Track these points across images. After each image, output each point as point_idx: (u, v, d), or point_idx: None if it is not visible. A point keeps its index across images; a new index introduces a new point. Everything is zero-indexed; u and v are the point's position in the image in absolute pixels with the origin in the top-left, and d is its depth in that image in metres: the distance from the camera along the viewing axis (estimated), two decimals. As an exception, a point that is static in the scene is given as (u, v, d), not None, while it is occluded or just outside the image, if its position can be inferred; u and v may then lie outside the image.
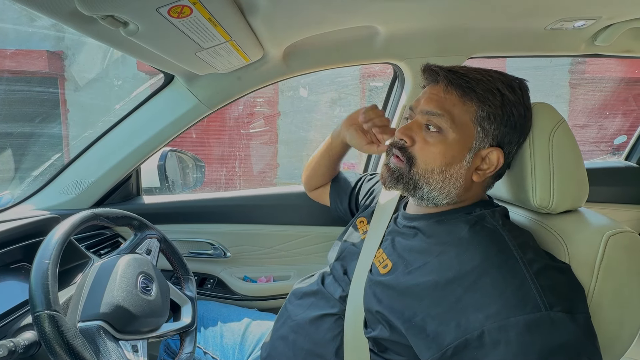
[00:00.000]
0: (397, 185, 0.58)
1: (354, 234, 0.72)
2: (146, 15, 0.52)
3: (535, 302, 0.42)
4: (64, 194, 1.01)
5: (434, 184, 0.55)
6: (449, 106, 0.54)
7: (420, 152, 0.56)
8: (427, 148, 0.55)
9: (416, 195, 0.58)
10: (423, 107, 0.56)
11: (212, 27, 0.60)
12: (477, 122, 0.53)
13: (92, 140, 1.02)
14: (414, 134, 0.56)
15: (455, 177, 0.55)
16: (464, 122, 0.53)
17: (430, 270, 0.50)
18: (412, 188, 0.57)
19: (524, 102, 0.55)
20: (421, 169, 0.55)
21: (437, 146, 0.54)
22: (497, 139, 0.54)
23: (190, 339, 0.72)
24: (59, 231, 0.58)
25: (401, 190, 0.59)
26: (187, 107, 0.97)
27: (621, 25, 0.81)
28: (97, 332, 0.54)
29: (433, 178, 0.55)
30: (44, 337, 0.47)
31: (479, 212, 0.56)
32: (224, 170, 5.21)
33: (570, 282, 0.47)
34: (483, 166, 0.55)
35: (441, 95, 0.55)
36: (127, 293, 0.62)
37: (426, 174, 0.55)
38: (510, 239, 0.49)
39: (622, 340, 0.49)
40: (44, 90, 5.12)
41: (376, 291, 0.56)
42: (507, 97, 0.53)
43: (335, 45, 0.94)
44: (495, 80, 0.53)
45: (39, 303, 0.48)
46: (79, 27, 0.58)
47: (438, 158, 0.54)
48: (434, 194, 0.56)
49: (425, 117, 0.55)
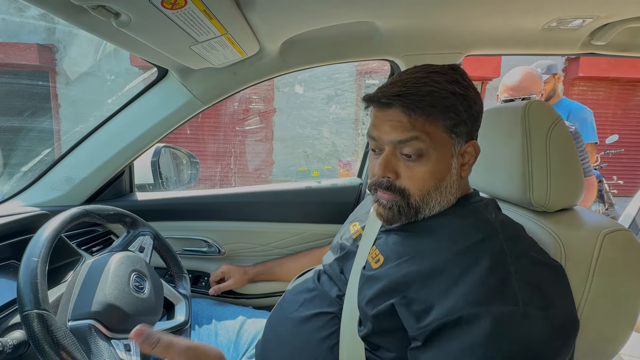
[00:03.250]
0: (401, 217, 0.56)
1: (347, 235, 0.72)
2: (138, 5, 0.51)
3: (514, 296, 0.43)
4: (54, 190, 0.99)
5: (433, 202, 0.55)
6: (419, 126, 0.51)
7: (410, 182, 0.54)
8: (415, 175, 0.53)
9: (418, 218, 0.57)
10: (390, 137, 0.52)
11: (207, 19, 0.59)
12: (448, 131, 0.53)
13: (84, 135, 1.00)
14: (395, 167, 0.54)
15: (450, 186, 0.56)
16: (439, 137, 0.52)
17: (421, 259, 0.51)
18: (414, 214, 0.56)
19: (470, 86, 0.54)
20: (418, 197, 0.54)
21: (423, 169, 0.53)
22: (469, 134, 0.55)
23: (184, 337, 0.71)
24: (48, 228, 0.56)
25: (403, 221, 0.57)
26: (182, 102, 0.96)
27: (618, 24, 0.82)
28: (88, 331, 0.53)
29: (431, 198, 0.55)
30: (33, 336, 0.46)
31: (471, 207, 0.56)
32: (218, 167, 5.18)
33: (555, 281, 0.48)
34: (465, 160, 0.57)
35: (405, 120, 0.51)
36: (120, 291, 0.61)
37: (424, 198, 0.54)
38: (502, 231, 0.50)
39: (617, 338, 0.49)
40: (34, 83, 5.02)
41: (368, 287, 0.56)
42: (459, 94, 0.52)
43: (333, 41, 0.93)
44: (442, 83, 0.52)
45: (27, 302, 0.47)
46: (69, 17, 0.57)
47: (429, 179, 0.53)
48: (435, 209, 0.56)
49: (399, 147, 0.53)
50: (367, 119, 5.15)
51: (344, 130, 5.28)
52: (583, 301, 0.48)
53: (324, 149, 5.24)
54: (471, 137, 0.56)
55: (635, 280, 0.49)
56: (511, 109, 0.60)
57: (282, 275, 1.01)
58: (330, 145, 5.24)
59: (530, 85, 1.43)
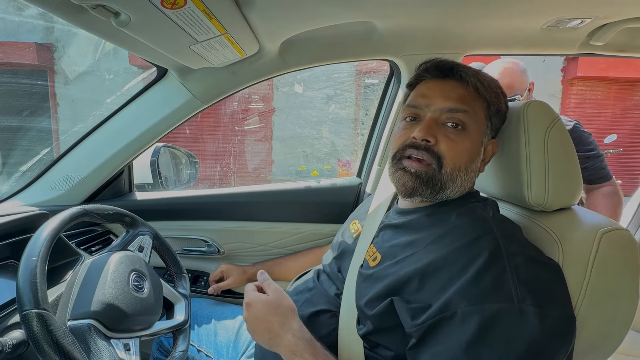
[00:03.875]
0: (426, 189, 0.55)
1: (347, 233, 0.72)
2: (138, 5, 0.51)
3: (509, 293, 0.44)
4: (53, 189, 0.98)
5: (458, 182, 0.55)
6: (471, 102, 0.54)
7: (448, 151, 0.53)
8: (453, 146, 0.53)
9: (438, 197, 0.56)
10: (443, 104, 0.54)
11: (207, 19, 0.59)
12: (488, 118, 0.56)
13: (83, 134, 1.00)
14: (436, 133, 0.54)
15: (474, 171, 0.57)
16: (481, 118, 0.56)
17: (418, 258, 0.51)
18: (439, 189, 0.55)
19: None
20: (450, 169, 0.54)
21: (462, 143, 0.54)
22: (495, 131, 0.58)
23: (184, 337, 0.71)
24: (47, 228, 0.56)
25: (425, 196, 0.56)
26: (181, 101, 0.96)
27: (616, 24, 0.82)
28: (87, 330, 0.53)
29: (459, 176, 0.55)
30: (32, 336, 0.46)
31: (470, 205, 0.57)
32: (218, 167, 5.17)
33: (551, 279, 0.48)
34: (484, 157, 0.59)
35: (460, 92, 0.55)
36: (119, 291, 0.61)
37: (454, 173, 0.54)
38: (499, 230, 0.50)
39: (614, 337, 0.49)
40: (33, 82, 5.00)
41: (366, 285, 0.56)
42: (502, 93, 0.58)
43: (332, 41, 0.93)
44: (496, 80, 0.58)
45: (27, 301, 0.47)
46: (68, 16, 0.57)
47: (465, 155, 0.54)
48: (455, 192, 0.56)
49: (446, 115, 0.54)
50: (366, 119, 5.15)
51: (343, 130, 5.28)
52: (580, 300, 0.48)
53: (323, 149, 5.24)
54: (495, 135, 0.59)
55: (632, 279, 0.49)
56: (510, 109, 0.61)
57: (281, 274, 1.01)
58: (330, 145, 5.23)
59: (511, 82, 1.22)
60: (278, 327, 0.53)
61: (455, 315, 0.44)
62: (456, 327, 0.44)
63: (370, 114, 5.00)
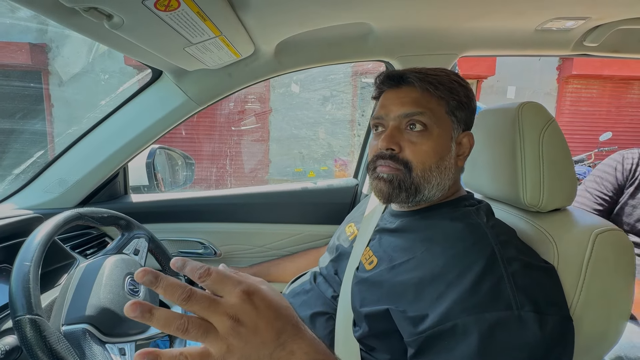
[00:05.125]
0: (400, 194, 0.56)
1: (343, 236, 0.72)
2: (131, 7, 0.50)
3: (508, 300, 0.43)
4: (47, 192, 0.98)
5: (433, 180, 0.56)
6: (426, 103, 0.56)
7: (413, 155, 0.55)
8: (418, 148, 0.55)
9: (416, 199, 0.57)
10: (399, 111, 0.56)
11: (201, 21, 0.59)
12: (450, 113, 0.57)
13: (77, 137, 0.99)
14: (399, 140, 0.56)
15: (448, 168, 0.57)
16: (441, 115, 0.56)
17: (414, 266, 0.51)
18: (414, 193, 0.56)
19: (471, 89, 0.61)
20: (420, 171, 0.55)
21: (426, 144, 0.55)
22: (465, 123, 0.59)
23: (180, 340, 0.71)
24: (41, 232, 0.56)
25: (402, 199, 0.57)
26: (176, 103, 0.95)
27: (609, 25, 0.82)
28: (82, 335, 0.53)
29: (432, 176, 0.56)
30: (26, 342, 0.45)
31: (463, 209, 0.56)
32: (214, 168, 5.15)
33: (548, 283, 0.48)
34: (461, 151, 0.59)
35: (414, 95, 0.56)
36: (114, 295, 0.60)
37: (425, 174, 0.55)
38: (493, 236, 0.50)
39: (609, 337, 0.50)
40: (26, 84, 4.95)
41: (362, 289, 0.56)
42: (463, 85, 0.58)
43: (328, 42, 0.93)
44: (449, 74, 0.59)
45: (19, 307, 0.47)
46: (60, 19, 0.56)
47: (432, 155, 0.55)
48: (433, 191, 0.57)
49: (405, 120, 0.56)
50: (362, 120, 5.16)
51: (339, 131, 5.28)
52: (576, 300, 0.48)
53: (320, 150, 5.24)
54: (468, 128, 0.59)
55: (626, 278, 0.49)
56: (505, 110, 0.61)
57: (278, 275, 1.01)
58: (326, 146, 5.23)
59: None
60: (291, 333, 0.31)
61: (455, 327, 0.43)
62: (457, 340, 0.43)
63: (366, 114, 5.01)
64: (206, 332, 0.29)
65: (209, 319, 0.29)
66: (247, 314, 0.29)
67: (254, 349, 0.29)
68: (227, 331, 0.29)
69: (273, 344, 0.30)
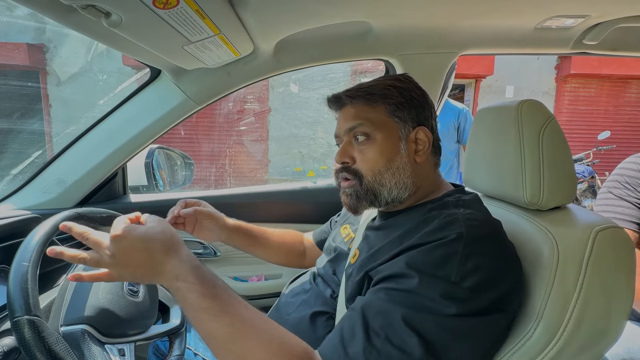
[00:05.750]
0: (361, 203, 0.60)
1: (339, 238, 0.73)
2: (129, 4, 0.50)
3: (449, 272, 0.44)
4: (45, 193, 0.97)
5: (387, 182, 0.58)
6: (363, 114, 0.59)
7: (362, 164, 0.59)
8: (365, 157, 0.59)
9: (382, 203, 0.60)
10: (343, 127, 0.61)
11: (200, 19, 0.58)
12: (391, 115, 0.59)
13: (76, 136, 0.99)
14: (351, 153, 0.60)
15: (402, 167, 0.59)
16: (382, 120, 0.59)
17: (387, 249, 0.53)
18: (373, 198, 0.59)
19: (414, 85, 0.63)
20: (370, 176, 0.58)
21: (372, 150, 0.58)
22: (415, 120, 0.60)
23: (180, 340, 0.71)
24: (39, 232, 0.55)
25: (367, 206, 0.61)
26: (175, 103, 0.95)
27: (609, 24, 0.82)
28: (81, 336, 0.53)
29: (383, 178, 0.58)
30: (24, 343, 0.45)
31: (444, 200, 0.58)
32: (213, 168, 5.15)
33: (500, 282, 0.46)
34: (419, 147, 0.60)
35: (352, 111, 0.60)
36: (113, 295, 0.60)
37: (376, 178, 0.58)
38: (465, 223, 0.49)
39: (609, 334, 0.50)
40: (24, 84, 4.93)
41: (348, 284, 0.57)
42: (399, 87, 0.61)
43: (327, 41, 0.93)
44: (385, 80, 0.62)
45: (18, 308, 0.46)
46: (58, 17, 0.56)
47: (379, 159, 0.58)
48: (394, 192, 0.58)
49: (350, 134, 0.60)
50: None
51: (339, 130, 5.27)
52: (576, 297, 0.48)
53: (320, 149, 5.24)
54: (419, 124, 0.60)
55: (627, 276, 0.49)
56: (505, 108, 0.61)
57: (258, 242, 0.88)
58: (326, 146, 5.23)
59: None
60: (161, 253, 0.46)
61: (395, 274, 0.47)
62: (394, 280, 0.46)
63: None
64: (97, 261, 0.47)
65: (98, 253, 0.47)
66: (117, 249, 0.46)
67: (129, 270, 0.47)
68: (107, 260, 0.47)
69: (144, 267, 0.46)
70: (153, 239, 0.47)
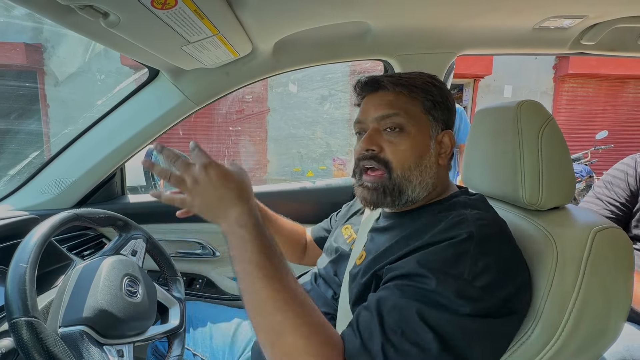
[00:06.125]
0: (385, 199, 0.57)
1: (341, 239, 0.73)
2: (127, 5, 0.50)
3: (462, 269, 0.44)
4: (43, 193, 0.97)
5: (414, 180, 0.57)
6: (401, 104, 0.57)
7: (392, 155, 0.56)
8: (396, 148, 0.56)
9: (402, 201, 0.58)
10: (376, 114, 0.58)
11: (199, 19, 0.58)
12: (426, 112, 0.58)
13: (74, 137, 0.98)
14: (379, 142, 0.57)
15: (429, 167, 0.58)
16: (417, 115, 0.57)
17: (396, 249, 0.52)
18: (397, 195, 0.57)
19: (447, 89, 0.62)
20: (400, 171, 0.56)
21: (404, 143, 0.56)
22: (444, 122, 0.60)
23: (179, 341, 0.71)
24: (37, 233, 0.55)
25: (388, 204, 0.58)
26: (173, 103, 0.94)
27: (606, 24, 0.83)
28: (79, 337, 0.53)
29: (412, 175, 0.56)
30: (22, 344, 0.45)
31: (451, 204, 0.57)
32: (212, 168, 5.12)
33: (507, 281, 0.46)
34: (442, 150, 0.60)
35: (389, 98, 0.58)
36: (112, 296, 0.60)
37: (405, 174, 0.56)
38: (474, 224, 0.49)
39: (608, 334, 0.50)
40: (21, 84, 4.91)
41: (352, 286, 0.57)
42: (438, 86, 0.60)
43: (326, 41, 0.93)
44: (423, 75, 0.60)
45: (16, 309, 0.46)
46: (56, 17, 0.55)
47: (410, 154, 0.56)
48: (417, 191, 0.57)
49: (382, 122, 0.57)
50: (361, 118, 5.15)
51: (337, 131, 5.28)
52: (575, 298, 0.48)
53: (318, 149, 5.23)
54: (447, 127, 0.60)
55: (625, 276, 0.50)
56: (504, 108, 0.61)
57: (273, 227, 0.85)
58: (325, 146, 5.23)
59: None
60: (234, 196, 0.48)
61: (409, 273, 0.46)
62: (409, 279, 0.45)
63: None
64: (180, 182, 0.50)
65: (183, 175, 0.49)
66: (202, 177, 0.48)
67: (202, 200, 0.49)
68: (190, 185, 0.49)
69: (215, 202, 0.48)
70: (231, 179, 0.49)
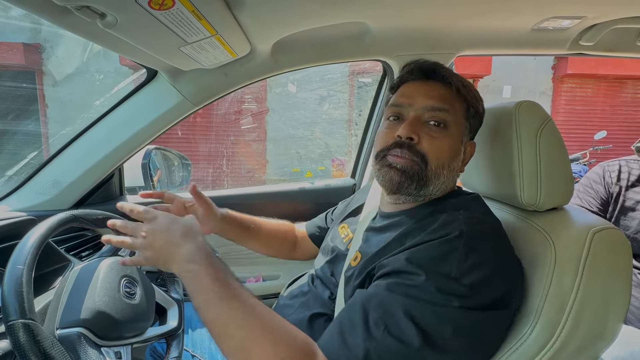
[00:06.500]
0: (411, 184, 0.54)
1: (338, 239, 0.72)
2: (124, 5, 0.49)
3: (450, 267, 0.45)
4: (41, 194, 0.96)
5: (441, 179, 0.56)
6: (451, 102, 0.56)
7: (430, 148, 0.54)
8: (435, 143, 0.54)
9: (421, 193, 0.56)
10: (425, 103, 0.55)
11: (197, 20, 0.58)
12: (466, 118, 0.58)
13: (72, 137, 0.98)
14: (419, 131, 0.55)
15: (455, 170, 0.58)
16: (460, 117, 0.57)
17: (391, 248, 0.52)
18: (422, 186, 0.55)
19: None
20: (434, 165, 0.55)
21: (444, 141, 0.55)
22: (473, 132, 0.60)
23: (177, 342, 0.70)
24: (34, 234, 0.55)
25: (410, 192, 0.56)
26: (172, 103, 0.94)
27: (605, 25, 0.83)
28: (77, 339, 0.52)
29: (442, 174, 0.55)
30: (19, 347, 0.45)
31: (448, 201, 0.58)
32: (211, 169, 5.13)
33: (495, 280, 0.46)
34: (464, 158, 0.60)
35: (442, 92, 0.56)
36: (110, 297, 0.59)
37: (437, 171, 0.55)
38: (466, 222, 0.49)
39: (606, 335, 0.50)
40: (19, 85, 4.90)
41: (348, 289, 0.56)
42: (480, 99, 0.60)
43: (324, 42, 0.93)
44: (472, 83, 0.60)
45: (12, 311, 0.46)
46: (53, 18, 0.55)
47: (447, 153, 0.55)
48: (437, 189, 0.57)
49: (428, 113, 0.55)
50: (360, 120, 5.16)
51: (336, 131, 5.28)
52: (573, 298, 0.48)
53: (317, 150, 5.23)
54: (473, 137, 0.61)
55: (623, 277, 0.50)
56: (502, 109, 0.61)
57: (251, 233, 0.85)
58: (323, 146, 5.23)
59: None
60: (180, 237, 0.51)
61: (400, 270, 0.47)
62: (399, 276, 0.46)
63: (363, 114, 5.01)
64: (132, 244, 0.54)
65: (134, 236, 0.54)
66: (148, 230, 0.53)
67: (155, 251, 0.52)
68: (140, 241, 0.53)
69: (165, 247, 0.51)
70: (176, 223, 0.52)
